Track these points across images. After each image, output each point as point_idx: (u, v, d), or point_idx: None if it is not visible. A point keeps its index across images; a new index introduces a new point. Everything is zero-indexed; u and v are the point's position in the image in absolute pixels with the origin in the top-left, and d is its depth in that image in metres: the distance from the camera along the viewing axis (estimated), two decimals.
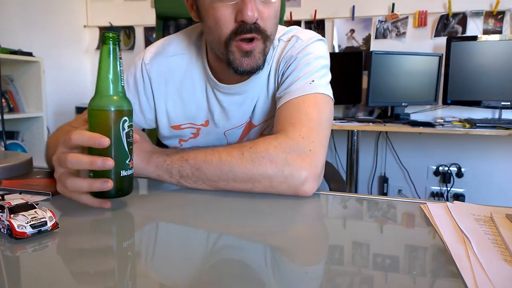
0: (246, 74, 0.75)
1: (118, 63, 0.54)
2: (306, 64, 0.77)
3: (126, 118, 0.54)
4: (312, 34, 0.83)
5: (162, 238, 0.49)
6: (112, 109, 0.53)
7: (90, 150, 0.53)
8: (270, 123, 0.86)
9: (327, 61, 0.81)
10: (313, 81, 0.75)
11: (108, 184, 0.52)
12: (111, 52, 0.53)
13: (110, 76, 0.54)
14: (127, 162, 0.55)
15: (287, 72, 0.79)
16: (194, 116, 0.87)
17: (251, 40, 0.70)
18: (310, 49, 0.79)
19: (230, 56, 0.71)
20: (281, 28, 0.85)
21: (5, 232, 0.45)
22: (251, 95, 0.83)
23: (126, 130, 0.54)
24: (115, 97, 0.54)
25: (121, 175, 0.54)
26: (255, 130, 0.88)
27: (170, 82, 0.84)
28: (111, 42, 0.53)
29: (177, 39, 0.86)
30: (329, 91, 0.76)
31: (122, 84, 0.55)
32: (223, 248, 0.46)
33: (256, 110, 0.85)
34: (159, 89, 0.84)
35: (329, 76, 0.80)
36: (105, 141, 0.51)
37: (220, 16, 0.68)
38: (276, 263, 0.42)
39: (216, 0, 0.68)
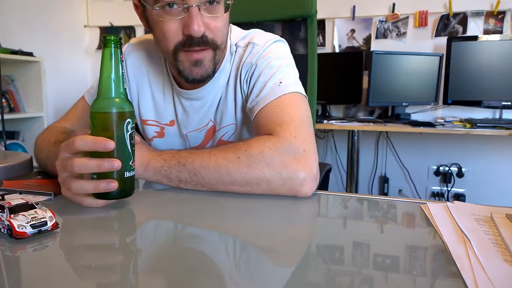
0: (197, 82, 0.76)
1: (119, 66, 0.54)
2: (269, 68, 0.77)
3: (129, 120, 0.55)
4: (268, 37, 0.82)
5: (161, 237, 0.49)
6: (116, 111, 0.53)
7: (94, 152, 0.53)
8: (229, 129, 0.87)
9: (289, 60, 0.81)
10: (281, 82, 0.75)
11: (113, 185, 0.53)
12: (113, 55, 0.53)
13: (113, 78, 0.54)
14: (130, 163, 0.55)
15: (251, 81, 0.79)
16: (160, 114, 0.90)
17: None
18: (268, 53, 0.79)
19: (180, 66, 0.73)
20: (238, 33, 0.85)
21: (5, 232, 0.45)
22: (209, 101, 0.85)
23: (130, 132, 0.55)
24: (118, 100, 0.54)
25: (125, 176, 0.55)
26: (217, 134, 0.89)
27: (144, 76, 0.88)
28: (112, 45, 0.53)
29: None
30: (299, 88, 0.76)
31: (125, 87, 0.55)
32: (221, 247, 0.46)
33: (217, 116, 0.86)
34: (134, 79, 0.89)
35: (295, 74, 0.80)
36: (110, 145, 0.52)
37: (167, 29, 0.69)
38: (274, 263, 0.42)
39: (163, 14, 0.69)
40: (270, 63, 0.77)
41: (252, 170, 0.63)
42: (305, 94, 0.77)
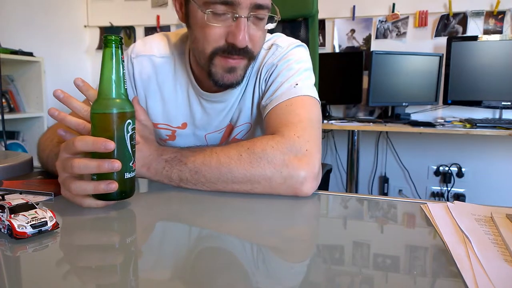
0: (225, 87, 0.77)
1: (120, 66, 0.54)
2: (288, 69, 0.78)
3: (130, 120, 0.54)
4: (291, 41, 0.84)
5: (161, 236, 0.49)
6: (117, 112, 0.53)
7: (94, 153, 0.53)
8: (244, 127, 0.88)
9: (308, 65, 0.82)
10: (297, 84, 0.76)
11: (113, 186, 0.53)
12: (114, 55, 0.53)
13: (113, 79, 0.53)
14: (130, 164, 0.55)
15: (270, 80, 0.80)
16: (171, 118, 0.89)
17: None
18: (290, 55, 0.80)
19: (212, 69, 0.73)
20: None
21: (6, 232, 0.45)
22: (231, 102, 0.86)
23: (130, 133, 0.54)
24: (118, 100, 0.54)
25: (125, 177, 0.55)
26: (232, 133, 0.90)
27: (152, 80, 0.86)
28: (113, 45, 0.53)
29: (164, 41, 0.88)
30: (314, 93, 0.78)
31: (125, 87, 0.55)
32: (221, 246, 0.46)
33: (234, 115, 0.87)
34: (141, 85, 0.87)
35: (312, 79, 0.81)
36: (110, 145, 0.52)
37: (211, 33, 0.69)
38: (274, 262, 0.42)
39: (211, 18, 0.68)
40: (290, 65, 0.79)
41: (254, 167, 0.63)
42: (318, 99, 0.78)
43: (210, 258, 0.42)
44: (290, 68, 0.78)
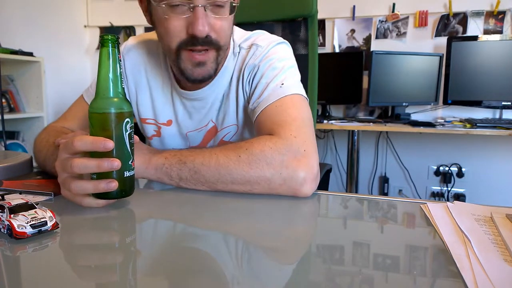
0: (198, 82, 0.76)
1: (117, 65, 0.54)
2: (271, 69, 0.77)
3: (128, 119, 0.55)
4: (272, 38, 0.83)
5: (161, 236, 0.49)
6: (115, 111, 0.53)
7: (93, 153, 0.53)
8: (231, 129, 0.87)
9: (291, 62, 0.81)
10: (283, 84, 0.75)
11: (113, 185, 0.53)
12: (110, 55, 0.53)
13: (111, 78, 0.54)
14: (129, 163, 0.55)
15: (253, 82, 0.79)
16: (158, 113, 0.90)
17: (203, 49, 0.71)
18: (271, 54, 0.79)
19: (182, 64, 0.73)
20: (242, 34, 0.86)
21: (5, 232, 0.45)
22: (210, 102, 0.85)
23: (129, 132, 0.55)
24: (116, 99, 0.54)
25: (124, 176, 0.55)
26: (218, 135, 0.89)
27: (142, 75, 0.88)
28: (110, 44, 0.53)
29: (154, 38, 0.88)
30: (301, 90, 0.77)
31: (123, 86, 0.55)
32: (221, 247, 0.46)
33: (219, 117, 0.87)
34: (132, 79, 0.89)
35: (297, 76, 0.80)
36: (109, 144, 0.52)
37: (171, 27, 0.69)
38: (275, 262, 0.42)
39: (168, 11, 0.69)
40: (273, 64, 0.78)
41: (253, 169, 0.63)
42: (306, 96, 0.77)
43: (210, 258, 0.42)
44: (273, 67, 0.77)
